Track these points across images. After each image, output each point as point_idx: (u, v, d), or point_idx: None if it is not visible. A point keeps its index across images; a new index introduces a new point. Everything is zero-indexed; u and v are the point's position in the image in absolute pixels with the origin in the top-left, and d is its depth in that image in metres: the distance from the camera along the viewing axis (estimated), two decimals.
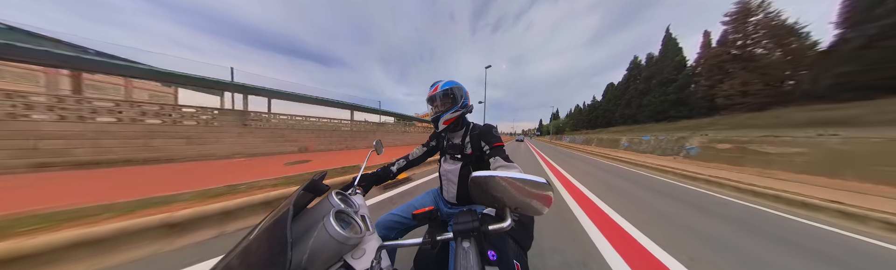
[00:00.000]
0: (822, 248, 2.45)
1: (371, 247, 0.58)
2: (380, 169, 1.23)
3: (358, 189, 0.99)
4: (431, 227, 0.70)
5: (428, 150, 1.33)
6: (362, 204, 0.82)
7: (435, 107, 1.14)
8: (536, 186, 0.52)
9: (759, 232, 2.76)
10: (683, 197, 4.39)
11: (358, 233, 0.56)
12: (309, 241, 0.50)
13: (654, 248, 2.21)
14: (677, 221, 3.02)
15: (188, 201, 2.46)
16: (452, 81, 1.14)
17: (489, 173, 0.54)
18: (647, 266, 1.93)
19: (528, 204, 0.55)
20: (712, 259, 2.10)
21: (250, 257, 0.48)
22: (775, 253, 2.28)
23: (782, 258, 2.20)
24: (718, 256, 2.15)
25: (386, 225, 1.06)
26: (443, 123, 1.12)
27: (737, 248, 2.34)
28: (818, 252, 2.36)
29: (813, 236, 2.75)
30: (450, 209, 1.16)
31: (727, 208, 3.75)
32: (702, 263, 2.01)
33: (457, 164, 1.13)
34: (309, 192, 0.77)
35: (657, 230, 2.65)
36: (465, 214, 0.63)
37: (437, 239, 0.60)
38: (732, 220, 3.15)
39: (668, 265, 1.95)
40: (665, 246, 2.24)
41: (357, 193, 0.95)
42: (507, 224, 0.55)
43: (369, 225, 0.64)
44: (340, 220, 0.56)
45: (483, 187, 0.55)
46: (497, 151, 1.02)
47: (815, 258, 2.24)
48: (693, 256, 2.10)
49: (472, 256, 0.55)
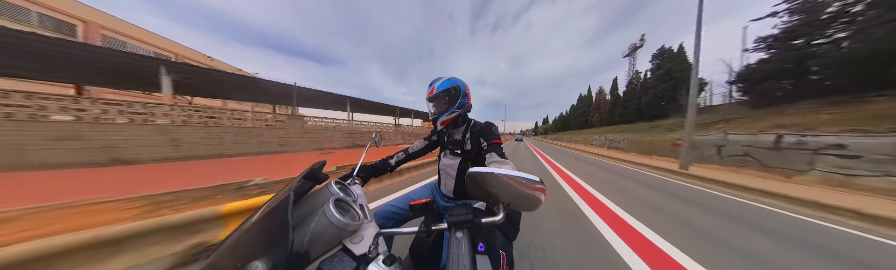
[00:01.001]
0: (618, 169, 8.01)
1: (369, 234, 0.61)
2: (379, 161, 1.25)
3: (357, 179, 1.02)
4: (427, 218, 0.73)
5: (429, 144, 1.35)
6: (360, 194, 0.84)
7: (433, 107, 1.14)
8: (530, 184, 0.54)
9: (597, 164, 9.89)
10: (581, 156, 13.27)
11: (356, 220, 0.58)
12: (310, 225, 0.52)
13: (554, 165, 8.74)
14: (570, 161, 10.51)
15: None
16: (452, 79, 1.11)
17: (486, 169, 0.56)
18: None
19: (520, 200, 0.56)
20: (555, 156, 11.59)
21: (253, 238, 0.49)
22: (603, 171, 7.75)
23: (600, 170, 8.23)
24: (566, 161, 11.44)
25: (384, 215, 1.09)
26: (440, 124, 1.15)
27: (575, 163, 10.78)
28: (617, 168, 8.59)
29: (619, 167, 8.51)
30: (446, 202, 1.18)
31: (594, 161, 10.77)
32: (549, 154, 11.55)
33: (456, 159, 1.15)
34: (309, 181, 0.78)
35: (562, 163, 9.51)
36: (461, 207, 0.66)
37: (432, 229, 0.63)
38: (590, 161, 10.59)
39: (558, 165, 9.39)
40: (557, 161, 10.75)
41: (355, 183, 0.98)
42: (500, 218, 0.58)
43: (368, 214, 0.67)
44: (339, 208, 0.58)
45: (479, 183, 0.57)
46: (494, 148, 1.03)
47: (611, 169, 8.21)
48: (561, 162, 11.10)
49: (465, 245, 0.58)
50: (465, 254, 0.55)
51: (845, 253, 2.28)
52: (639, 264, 1.85)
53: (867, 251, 2.38)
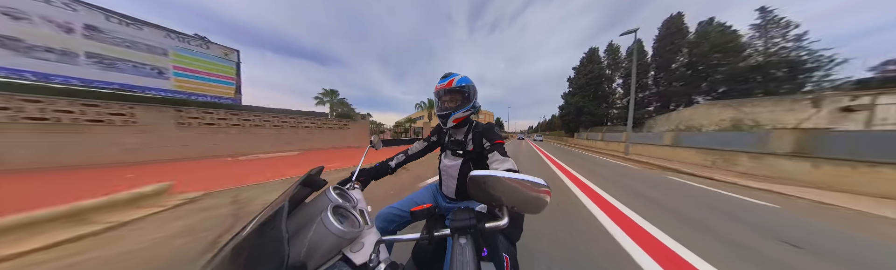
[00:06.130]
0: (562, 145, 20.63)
1: (369, 241, 0.57)
2: (378, 164, 1.22)
3: (356, 183, 0.98)
4: (429, 222, 0.71)
5: (428, 145, 1.29)
6: (361, 199, 0.82)
7: (444, 102, 1.09)
8: (534, 186, 0.52)
9: (562, 148, 17.81)
10: (561, 145, 23.02)
11: (356, 228, 0.56)
12: (307, 235, 0.50)
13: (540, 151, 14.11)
14: (551, 148, 17.75)
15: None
16: (467, 78, 1.09)
17: (488, 172, 0.54)
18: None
19: (525, 202, 0.54)
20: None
21: (246, 251, 0.48)
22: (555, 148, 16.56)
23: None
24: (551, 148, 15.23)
25: (386, 218, 1.07)
26: (452, 121, 1.08)
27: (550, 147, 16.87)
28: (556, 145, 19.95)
29: (573, 150, 16.20)
30: (448, 204, 1.16)
31: (568, 149, 16.77)
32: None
33: (458, 160, 1.11)
34: (306, 187, 0.77)
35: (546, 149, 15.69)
36: (463, 212, 0.64)
37: (434, 235, 0.61)
38: (561, 149, 17.10)
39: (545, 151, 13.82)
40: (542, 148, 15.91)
41: (355, 188, 0.94)
42: (504, 222, 0.56)
43: (368, 220, 0.65)
44: (338, 215, 0.56)
45: (481, 186, 0.55)
46: (496, 147, 1.00)
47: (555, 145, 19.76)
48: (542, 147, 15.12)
49: (469, 252, 0.56)
50: (469, 261, 0.53)
51: (647, 178, 5.60)
52: (565, 181, 4.78)
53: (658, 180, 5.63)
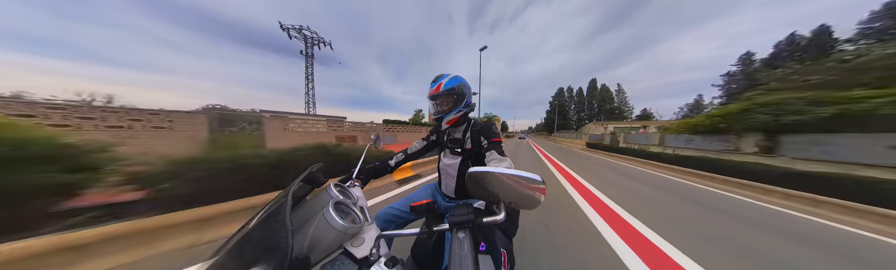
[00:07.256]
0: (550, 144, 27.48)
1: (370, 236, 0.59)
2: (378, 163, 1.23)
3: (356, 181, 1.01)
4: (428, 219, 0.72)
5: (427, 144, 1.31)
6: (361, 196, 0.84)
7: (437, 105, 1.11)
8: (530, 182, 0.53)
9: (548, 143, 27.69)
10: (548, 142, 33.22)
11: (357, 223, 0.57)
12: (309, 230, 0.52)
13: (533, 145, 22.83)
14: (542, 143, 28.81)
15: None
16: (458, 77, 1.09)
17: (486, 169, 0.56)
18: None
19: (521, 199, 0.56)
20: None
21: (251, 244, 0.49)
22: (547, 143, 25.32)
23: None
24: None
25: (384, 218, 1.08)
26: (446, 123, 1.11)
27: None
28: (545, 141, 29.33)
29: (554, 144, 26.99)
30: (448, 202, 1.16)
31: (554, 144, 26.93)
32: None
33: (456, 159, 1.12)
34: (307, 184, 0.78)
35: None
36: (461, 207, 0.66)
37: (433, 230, 0.63)
38: (546, 144, 27.38)
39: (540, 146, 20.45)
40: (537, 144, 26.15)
41: (355, 185, 0.97)
42: (501, 217, 0.57)
43: (368, 216, 0.65)
44: (339, 211, 0.57)
45: (479, 182, 0.57)
46: (494, 146, 1.01)
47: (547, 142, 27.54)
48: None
49: (467, 245, 0.58)
50: (467, 254, 0.55)
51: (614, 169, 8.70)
52: (549, 165, 8.24)
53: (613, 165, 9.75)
